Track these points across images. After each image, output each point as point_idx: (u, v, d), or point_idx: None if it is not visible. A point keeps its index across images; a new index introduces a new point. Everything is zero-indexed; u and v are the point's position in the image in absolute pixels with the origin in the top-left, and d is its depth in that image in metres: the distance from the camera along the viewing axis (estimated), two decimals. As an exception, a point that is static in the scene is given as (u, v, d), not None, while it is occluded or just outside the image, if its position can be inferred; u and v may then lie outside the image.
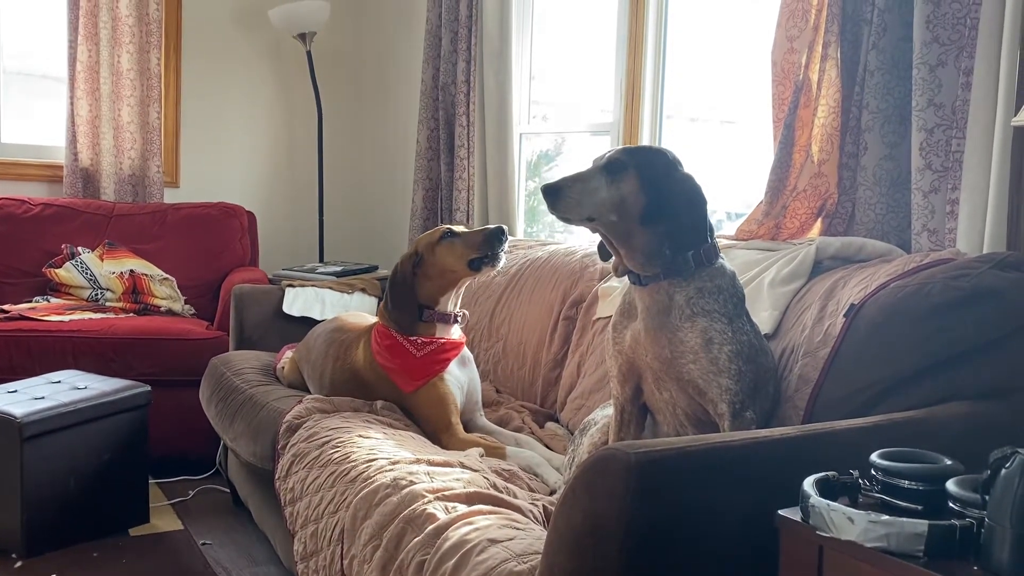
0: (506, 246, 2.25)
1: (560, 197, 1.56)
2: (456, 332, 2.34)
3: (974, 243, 1.79)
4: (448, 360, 2.28)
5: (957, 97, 1.84)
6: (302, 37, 4.09)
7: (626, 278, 1.66)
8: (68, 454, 2.59)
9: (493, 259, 2.24)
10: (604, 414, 1.89)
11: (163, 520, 2.85)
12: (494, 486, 1.74)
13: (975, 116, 1.80)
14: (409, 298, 2.29)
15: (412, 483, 1.67)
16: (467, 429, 2.28)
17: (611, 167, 1.59)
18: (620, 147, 1.62)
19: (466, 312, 2.39)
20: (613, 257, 1.67)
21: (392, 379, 2.28)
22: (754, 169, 2.57)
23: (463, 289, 2.35)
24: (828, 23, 2.06)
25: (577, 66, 3.59)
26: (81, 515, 2.64)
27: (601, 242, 1.68)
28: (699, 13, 2.99)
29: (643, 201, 1.56)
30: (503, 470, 1.90)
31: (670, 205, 1.56)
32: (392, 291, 2.31)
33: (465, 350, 2.36)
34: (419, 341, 2.27)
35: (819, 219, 2.15)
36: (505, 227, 2.26)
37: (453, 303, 2.33)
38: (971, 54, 1.80)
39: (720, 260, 1.63)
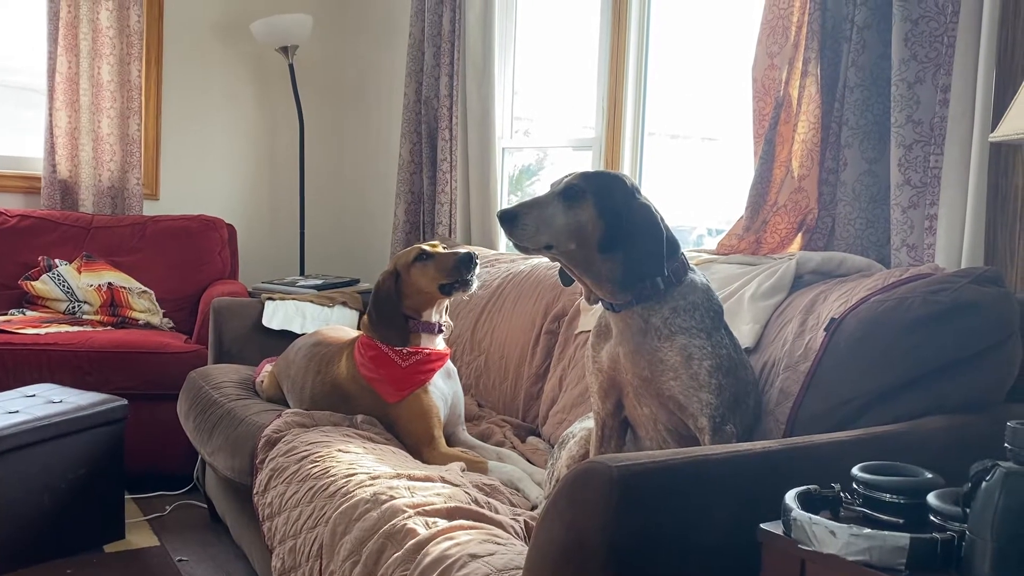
0: (477, 270, 2.24)
1: (516, 224, 1.53)
2: (440, 343, 2.34)
3: (952, 258, 1.81)
4: (433, 371, 2.27)
5: (935, 114, 1.87)
6: (284, 50, 4.08)
7: (599, 304, 1.65)
8: (43, 469, 2.55)
9: (464, 285, 2.23)
10: (583, 426, 1.88)
11: (139, 536, 2.81)
12: (475, 501, 1.73)
13: (953, 132, 1.82)
14: (395, 314, 2.28)
15: (392, 498, 1.65)
16: (449, 443, 2.27)
17: (568, 192, 1.56)
18: (578, 172, 1.61)
19: (450, 321, 2.38)
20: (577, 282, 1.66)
21: (376, 390, 2.26)
22: (734, 186, 2.58)
23: (444, 305, 2.35)
24: (808, 40, 2.08)
25: (559, 82, 3.60)
26: (55, 531, 2.59)
27: (561, 268, 1.66)
28: (680, 31, 3.02)
29: (601, 227, 1.54)
30: (484, 485, 1.89)
31: (628, 232, 1.53)
32: (376, 308, 2.30)
33: (449, 363, 2.35)
34: (404, 352, 2.26)
35: (799, 234, 2.16)
36: (475, 253, 2.24)
37: (437, 315, 2.32)
38: (948, 71, 1.83)
39: (690, 275, 1.62)
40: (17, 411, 2.58)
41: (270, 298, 3.24)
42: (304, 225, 4.25)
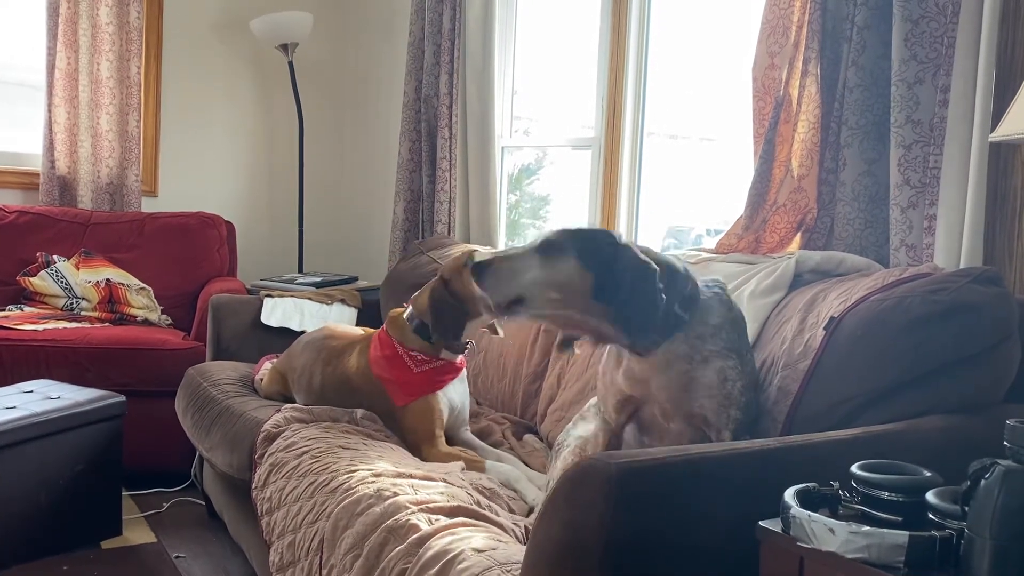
0: None
1: (486, 273, 1.50)
2: (459, 358, 2.31)
3: (951, 258, 1.81)
4: (444, 383, 2.24)
5: (935, 114, 1.87)
6: (284, 48, 4.08)
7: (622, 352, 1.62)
8: (40, 465, 2.55)
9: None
10: (576, 434, 1.87)
11: (136, 533, 2.81)
12: (477, 503, 1.73)
13: (952, 133, 1.82)
14: (458, 317, 2.18)
15: (396, 494, 1.65)
16: (451, 443, 2.26)
17: (545, 248, 1.53)
18: (556, 228, 1.58)
19: (474, 342, 2.32)
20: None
21: (386, 389, 2.26)
22: (733, 186, 2.59)
23: (478, 325, 2.25)
24: (808, 40, 2.08)
25: (559, 82, 3.60)
26: (52, 527, 2.59)
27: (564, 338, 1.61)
28: (680, 31, 3.02)
29: (590, 277, 1.50)
30: (484, 488, 1.88)
31: (622, 278, 1.49)
32: (435, 315, 2.19)
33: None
34: (419, 357, 2.23)
35: (798, 233, 2.16)
36: None
37: (467, 333, 2.26)
38: (948, 72, 1.83)
39: (703, 297, 1.59)
40: (15, 407, 2.57)
41: (269, 295, 3.24)
42: (303, 223, 4.25)
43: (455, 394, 2.29)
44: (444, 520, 1.56)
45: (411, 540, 1.50)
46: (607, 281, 1.50)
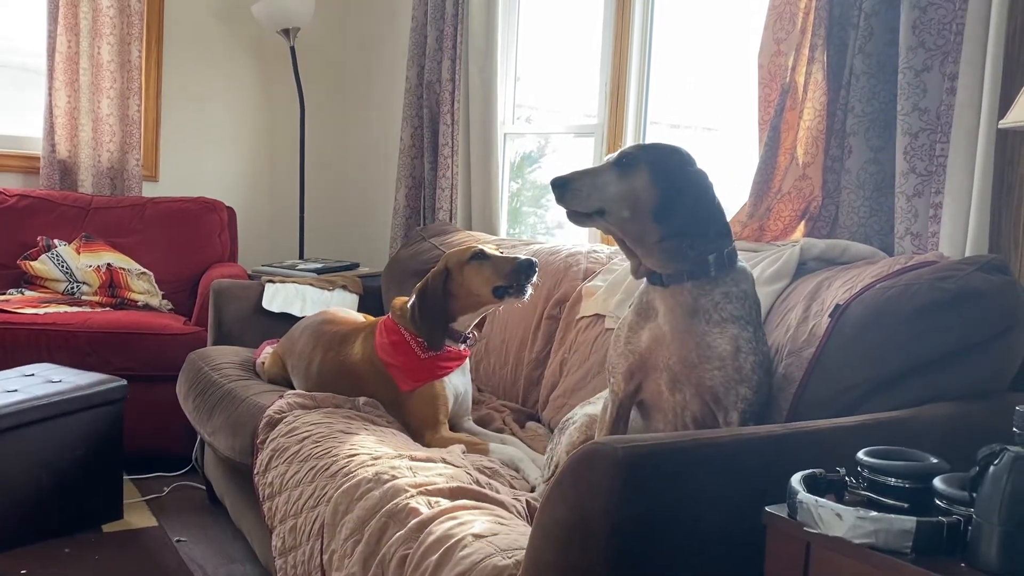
0: (535, 279, 2.17)
1: (568, 188, 1.55)
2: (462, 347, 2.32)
3: (957, 247, 1.80)
4: (450, 369, 2.25)
5: (942, 102, 1.86)
6: (286, 32, 4.06)
7: (635, 280, 1.65)
8: (41, 448, 2.55)
9: (518, 291, 2.17)
10: (583, 412, 1.88)
11: (137, 517, 2.81)
12: (477, 482, 1.73)
13: (959, 121, 1.81)
14: (439, 313, 2.22)
15: (394, 477, 1.65)
16: (453, 431, 2.26)
17: (622, 161, 1.57)
18: (633, 144, 1.61)
19: (476, 333, 2.33)
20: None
21: (391, 375, 2.26)
22: (734, 176, 2.57)
23: (484, 315, 2.29)
24: (815, 26, 2.07)
25: (562, 69, 3.59)
26: (53, 511, 2.59)
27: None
28: (684, 20, 3.01)
29: (655, 195, 1.54)
30: (485, 468, 1.89)
31: (683, 200, 1.54)
32: (421, 305, 2.24)
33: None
34: (424, 344, 2.23)
35: (803, 221, 2.16)
36: (536, 260, 2.18)
37: (471, 325, 2.28)
38: (956, 60, 1.82)
39: (740, 263, 1.62)
40: (16, 390, 2.57)
41: (270, 281, 3.23)
42: (304, 208, 4.24)
43: (458, 381, 2.29)
44: (445, 503, 1.55)
45: (411, 525, 1.50)
46: (670, 200, 1.53)
